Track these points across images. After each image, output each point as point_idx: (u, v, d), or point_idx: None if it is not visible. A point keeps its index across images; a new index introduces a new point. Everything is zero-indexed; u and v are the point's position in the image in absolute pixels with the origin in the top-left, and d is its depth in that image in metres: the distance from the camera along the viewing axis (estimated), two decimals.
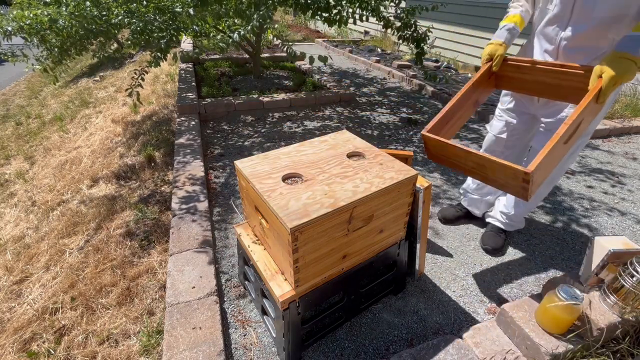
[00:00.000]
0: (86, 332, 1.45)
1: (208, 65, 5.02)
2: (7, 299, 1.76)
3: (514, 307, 1.27)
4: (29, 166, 3.58)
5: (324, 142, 1.40)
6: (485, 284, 1.64)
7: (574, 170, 2.69)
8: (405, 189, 1.22)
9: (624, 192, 2.42)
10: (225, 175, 2.49)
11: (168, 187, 2.37)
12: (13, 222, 2.55)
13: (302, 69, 5.12)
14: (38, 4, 2.95)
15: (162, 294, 1.56)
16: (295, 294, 1.12)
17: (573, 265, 1.77)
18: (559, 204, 2.26)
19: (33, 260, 2.01)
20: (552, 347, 1.12)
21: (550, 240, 1.94)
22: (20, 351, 1.44)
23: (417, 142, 3.10)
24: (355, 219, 1.12)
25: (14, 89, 7.68)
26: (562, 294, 1.12)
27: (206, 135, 3.14)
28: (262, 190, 1.10)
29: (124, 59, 7.05)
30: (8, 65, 9.19)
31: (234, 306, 1.50)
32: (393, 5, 3.65)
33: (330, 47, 7.05)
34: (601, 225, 2.08)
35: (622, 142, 3.25)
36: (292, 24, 10.59)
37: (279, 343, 1.26)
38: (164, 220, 2.04)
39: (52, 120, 4.76)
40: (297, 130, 3.25)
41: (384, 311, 1.49)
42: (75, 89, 6.14)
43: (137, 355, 1.33)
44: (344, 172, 1.20)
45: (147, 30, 2.65)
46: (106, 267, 1.75)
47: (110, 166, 2.81)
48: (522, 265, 1.76)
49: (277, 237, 1.09)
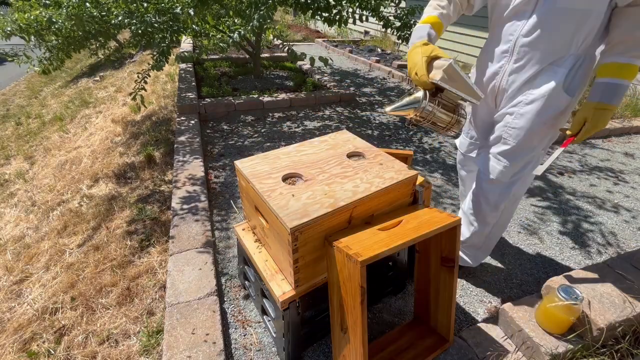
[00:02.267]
0: (86, 332, 1.45)
1: (208, 65, 5.02)
2: (7, 299, 1.76)
3: (514, 307, 1.27)
4: (29, 166, 3.58)
5: (324, 142, 1.40)
6: (485, 284, 1.64)
7: (575, 170, 2.69)
8: (405, 189, 1.22)
9: (627, 190, 2.42)
10: (225, 175, 2.49)
11: (168, 187, 2.37)
12: (13, 222, 2.55)
13: (302, 69, 5.12)
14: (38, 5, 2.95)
15: (162, 294, 1.56)
16: (295, 293, 1.12)
17: (573, 265, 1.77)
18: (558, 204, 2.26)
19: (33, 260, 2.01)
20: (552, 347, 1.12)
21: (550, 240, 1.94)
22: (20, 351, 1.44)
23: (417, 142, 3.10)
24: (355, 219, 1.12)
25: (14, 89, 7.68)
26: (562, 294, 1.12)
27: (206, 135, 3.14)
28: (262, 190, 1.10)
29: (124, 59, 7.05)
30: (8, 65, 9.19)
31: (234, 306, 1.50)
32: (393, 5, 3.65)
33: (330, 47, 7.05)
34: (601, 224, 2.08)
35: (622, 142, 3.25)
36: (292, 24, 10.59)
37: (279, 343, 1.26)
38: (164, 220, 2.04)
39: (52, 120, 4.76)
40: (297, 130, 3.25)
41: (384, 311, 1.49)
42: (75, 89, 6.14)
43: (137, 355, 1.33)
44: (344, 172, 1.20)
45: (148, 32, 2.66)
46: (106, 267, 1.75)
47: (110, 166, 2.81)
48: (522, 266, 1.76)
49: (277, 237, 1.09)
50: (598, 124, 1.08)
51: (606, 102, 1.06)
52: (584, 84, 1.17)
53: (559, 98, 1.15)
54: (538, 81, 1.16)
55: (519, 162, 1.28)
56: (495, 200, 1.37)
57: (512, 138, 1.24)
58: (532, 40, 1.12)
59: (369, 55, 6.26)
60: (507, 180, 1.32)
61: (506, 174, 1.30)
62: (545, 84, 1.15)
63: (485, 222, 1.45)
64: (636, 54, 1.02)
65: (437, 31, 1.21)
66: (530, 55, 1.15)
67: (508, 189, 1.34)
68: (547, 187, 2.44)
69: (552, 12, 1.06)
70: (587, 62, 1.13)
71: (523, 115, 1.20)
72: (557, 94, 1.14)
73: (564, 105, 1.16)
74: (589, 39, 1.08)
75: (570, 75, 1.12)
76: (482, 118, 1.45)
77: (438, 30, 1.22)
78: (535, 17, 1.09)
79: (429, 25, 1.20)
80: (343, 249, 0.96)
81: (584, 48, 1.10)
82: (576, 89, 1.15)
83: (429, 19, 1.22)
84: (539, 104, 1.17)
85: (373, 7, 3.46)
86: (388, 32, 3.81)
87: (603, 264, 1.45)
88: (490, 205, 1.38)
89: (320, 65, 5.35)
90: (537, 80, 1.16)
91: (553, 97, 1.15)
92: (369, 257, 0.90)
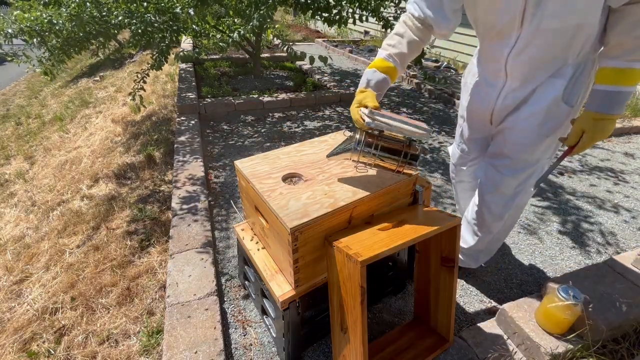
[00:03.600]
0: (86, 332, 1.45)
1: (208, 65, 5.02)
2: (7, 299, 1.76)
3: (514, 307, 1.27)
4: (29, 166, 3.58)
5: (324, 142, 1.40)
6: (485, 284, 1.64)
7: (575, 170, 2.69)
8: (405, 189, 1.22)
9: (627, 190, 2.42)
10: (225, 175, 2.49)
11: (168, 187, 2.37)
12: (13, 222, 2.55)
13: (302, 69, 5.12)
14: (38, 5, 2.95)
15: (162, 294, 1.56)
16: (295, 293, 1.12)
17: (573, 265, 1.77)
18: (558, 204, 2.26)
19: (33, 260, 2.01)
20: (552, 347, 1.12)
21: (550, 240, 1.94)
22: (20, 351, 1.44)
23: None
24: (355, 219, 1.12)
25: (14, 89, 7.68)
26: (562, 294, 1.12)
27: (206, 135, 3.14)
28: (262, 190, 1.10)
29: (124, 59, 7.05)
30: (8, 65, 9.18)
31: (234, 306, 1.50)
32: (393, 5, 3.65)
33: (330, 47, 7.05)
34: (601, 224, 2.08)
35: (622, 142, 3.25)
36: (292, 24, 10.58)
37: (279, 343, 1.26)
38: (164, 220, 2.04)
39: (52, 120, 4.76)
40: (297, 130, 3.25)
41: (384, 311, 1.48)
42: (75, 89, 6.14)
43: (137, 355, 1.33)
44: (344, 172, 1.20)
45: (148, 32, 2.66)
46: (106, 267, 1.75)
47: (110, 166, 2.81)
48: (522, 265, 1.76)
49: (277, 237, 1.09)
50: (596, 135, 0.99)
51: (604, 112, 0.97)
52: (585, 90, 1.11)
53: (558, 109, 1.10)
54: (536, 95, 1.12)
55: (522, 175, 1.24)
56: (499, 212, 1.34)
57: (514, 153, 1.21)
58: (524, 61, 1.06)
59: (369, 55, 6.26)
60: (511, 192, 1.29)
61: (509, 186, 1.27)
62: (544, 97, 1.10)
63: (490, 232, 1.42)
64: (636, 57, 0.92)
65: (386, 73, 1.15)
66: (525, 75, 1.10)
67: (512, 200, 1.31)
68: (547, 187, 2.44)
69: (539, 32, 0.98)
70: (587, 68, 1.06)
71: (523, 130, 1.16)
72: (556, 106, 1.10)
73: (564, 116, 1.11)
74: (587, 47, 1.01)
75: (570, 85, 1.07)
76: (475, 135, 1.40)
77: (388, 72, 1.15)
78: (523, 38, 1.02)
79: (372, 70, 1.16)
80: (343, 249, 0.96)
81: (583, 55, 1.03)
82: (576, 97, 1.09)
83: (374, 63, 1.17)
84: (539, 117, 1.13)
85: (373, 8, 3.46)
86: (388, 32, 3.81)
87: (603, 264, 1.45)
88: (493, 216, 1.36)
89: (320, 64, 5.35)
90: (536, 94, 1.12)
91: (552, 109, 1.10)
92: (369, 257, 0.90)
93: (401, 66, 1.18)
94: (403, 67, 1.19)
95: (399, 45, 1.15)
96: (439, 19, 1.10)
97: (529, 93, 1.13)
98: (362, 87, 1.15)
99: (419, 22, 1.14)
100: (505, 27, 1.03)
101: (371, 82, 1.15)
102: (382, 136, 1.07)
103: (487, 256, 1.59)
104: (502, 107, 1.21)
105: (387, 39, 1.19)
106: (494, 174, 1.29)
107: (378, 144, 1.06)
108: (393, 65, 1.16)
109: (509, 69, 1.11)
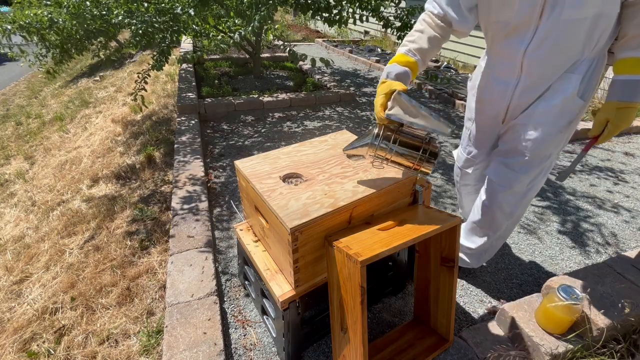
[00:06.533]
0: (86, 332, 1.45)
1: (208, 65, 5.02)
2: (7, 299, 1.76)
3: (514, 307, 1.27)
4: (29, 166, 3.58)
5: (324, 142, 1.41)
6: (485, 284, 1.64)
7: (575, 170, 2.69)
8: (405, 189, 1.22)
9: (627, 190, 2.42)
10: (225, 175, 2.49)
11: (168, 187, 2.37)
12: (13, 222, 2.55)
13: (302, 69, 5.12)
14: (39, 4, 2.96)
15: (162, 294, 1.56)
16: (295, 293, 1.12)
17: (573, 265, 1.77)
18: (558, 204, 2.26)
19: (33, 260, 2.01)
20: (552, 347, 1.12)
21: (550, 240, 1.94)
22: (20, 351, 1.44)
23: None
24: (355, 219, 1.12)
25: (14, 89, 7.68)
26: (562, 294, 1.12)
27: (206, 135, 3.14)
28: (262, 190, 1.10)
29: (124, 59, 7.05)
30: (8, 65, 9.20)
31: (234, 306, 1.50)
32: (393, 5, 3.65)
33: (330, 47, 7.05)
34: (601, 224, 2.08)
35: (622, 142, 3.25)
36: (292, 24, 10.59)
37: (279, 343, 1.26)
38: (164, 220, 2.04)
39: (52, 120, 4.76)
40: (297, 130, 3.25)
41: (384, 311, 1.49)
42: (75, 89, 6.14)
43: (137, 355, 1.33)
44: (344, 172, 1.20)
45: (148, 32, 2.66)
46: (106, 267, 1.75)
47: (110, 166, 2.81)
48: (522, 265, 1.76)
49: (277, 237, 1.09)
50: (621, 123, 1.03)
51: (628, 100, 1.00)
52: (596, 85, 1.13)
53: (574, 105, 1.11)
54: (552, 91, 1.12)
55: (535, 171, 1.25)
56: (511, 210, 1.35)
57: (529, 149, 1.21)
58: (541, 56, 1.06)
59: (369, 55, 6.25)
60: (523, 190, 1.30)
61: (523, 183, 1.28)
62: (560, 93, 1.11)
63: (498, 230, 1.43)
64: None
65: (407, 67, 1.12)
66: (541, 71, 1.10)
67: (524, 197, 1.32)
68: (547, 187, 2.44)
69: (558, 24, 0.99)
70: (600, 63, 1.08)
71: (538, 126, 1.16)
72: (571, 101, 1.11)
73: (578, 111, 1.13)
74: (602, 40, 1.03)
75: (585, 80, 1.08)
76: (483, 135, 1.40)
77: (408, 66, 1.12)
78: (541, 32, 1.02)
79: (393, 65, 1.13)
80: (343, 249, 0.96)
81: (597, 49, 1.05)
82: (590, 92, 1.11)
83: (393, 59, 1.15)
84: (555, 113, 1.13)
85: (373, 8, 3.46)
86: (388, 32, 3.81)
87: (603, 264, 1.45)
88: (505, 214, 1.37)
89: (321, 65, 5.35)
90: (551, 89, 1.12)
91: (568, 104, 1.11)
92: (369, 257, 0.90)
93: (422, 61, 1.16)
94: (425, 62, 1.17)
95: (419, 41, 1.15)
96: (458, 16, 1.12)
97: (545, 89, 1.14)
98: (383, 79, 1.11)
99: (438, 19, 1.15)
100: (523, 21, 1.03)
101: (391, 74, 1.11)
102: (401, 131, 1.05)
103: (490, 255, 1.59)
104: (517, 104, 1.21)
105: (407, 36, 1.18)
106: (508, 172, 1.29)
107: (397, 138, 1.03)
108: (414, 59, 1.14)
109: (525, 66, 1.11)
